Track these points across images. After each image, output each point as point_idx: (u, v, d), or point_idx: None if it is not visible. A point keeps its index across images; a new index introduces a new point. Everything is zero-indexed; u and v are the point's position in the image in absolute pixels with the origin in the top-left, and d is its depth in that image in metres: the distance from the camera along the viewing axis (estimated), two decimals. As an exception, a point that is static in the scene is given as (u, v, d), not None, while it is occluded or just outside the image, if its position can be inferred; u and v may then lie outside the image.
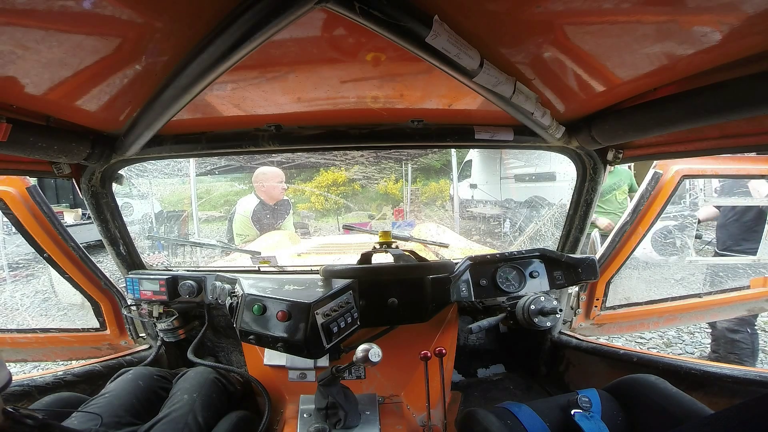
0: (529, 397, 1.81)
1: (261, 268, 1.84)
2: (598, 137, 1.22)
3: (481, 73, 0.81)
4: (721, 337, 2.82)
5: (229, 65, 0.73)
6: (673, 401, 1.09)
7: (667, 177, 1.85)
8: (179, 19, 0.66)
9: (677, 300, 2.17)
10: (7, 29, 0.61)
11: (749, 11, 0.62)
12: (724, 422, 0.74)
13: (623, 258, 1.91)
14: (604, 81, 0.95)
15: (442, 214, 7.10)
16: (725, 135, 1.10)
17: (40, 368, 3.26)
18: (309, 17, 0.63)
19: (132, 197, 6.59)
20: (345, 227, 3.81)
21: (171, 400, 1.27)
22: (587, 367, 1.77)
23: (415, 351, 1.36)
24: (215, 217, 6.00)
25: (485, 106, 1.15)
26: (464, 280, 1.43)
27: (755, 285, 2.32)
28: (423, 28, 0.67)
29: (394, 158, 5.14)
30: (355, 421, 1.21)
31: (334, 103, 1.16)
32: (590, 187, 1.56)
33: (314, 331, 1.10)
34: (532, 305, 1.48)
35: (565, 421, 1.12)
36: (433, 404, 1.33)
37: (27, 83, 0.80)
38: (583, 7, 0.65)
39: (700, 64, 0.81)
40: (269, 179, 2.91)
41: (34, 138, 0.95)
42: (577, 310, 1.92)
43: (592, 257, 1.57)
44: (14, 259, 3.36)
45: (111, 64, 0.78)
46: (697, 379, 1.39)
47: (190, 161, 3.92)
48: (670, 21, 0.68)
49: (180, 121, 1.18)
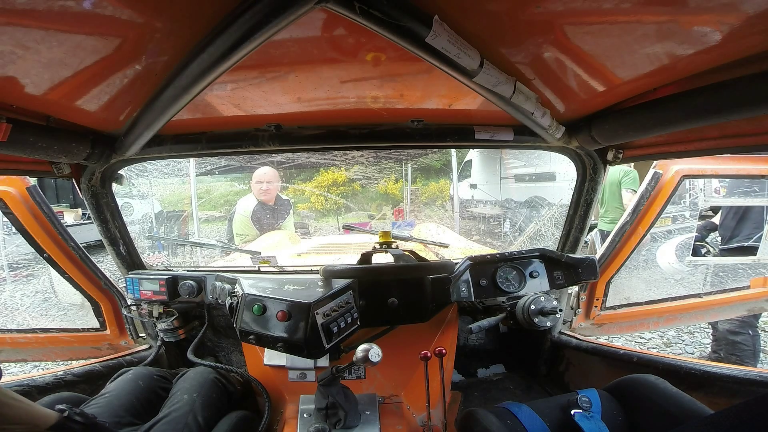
0: (529, 397, 1.81)
1: (261, 268, 1.84)
2: (598, 137, 1.22)
3: (481, 73, 0.81)
4: (723, 339, 2.82)
5: (229, 65, 0.73)
6: (673, 401, 1.09)
7: (667, 177, 1.86)
8: (179, 19, 0.66)
9: (677, 300, 2.17)
10: (7, 29, 0.61)
11: (749, 11, 0.62)
12: (724, 422, 0.74)
13: (623, 258, 1.91)
14: (604, 81, 0.95)
15: (442, 214, 7.09)
16: (725, 135, 1.10)
17: (40, 368, 3.26)
18: (309, 17, 0.63)
19: (132, 197, 6.59)
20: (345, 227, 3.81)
21: (171, 400, 1.27)
22: (587, 367, 1.77)
23: (415, 351, 1.36)
24: (215, 217, 6.00)
25: (485, 106, 1.15)
26: (464, 280, 1.43)
27: (755, 285, 2.32)
28: (423, 28, 0.67)
29: (394, 158, 5.13)
30: (355, 421, 1.21)
31: (334, 103, 1.16)
32: (590, 187, 1.56)
33: (314, 331, 1.10)
34: (532, 305, 1.48)
35: (565, 421, 1.12)
36: (433, 404, 1.33)
37: (27, 83, 0.80)
38: (583, 7, 0.65)
39: (700, 64, 0.81)
40: (262, 180, 2.92)
41: (34, 138, 0.95)
42: (577, 310, 1.92)
43: (592, 257, 1.57)
44: (14, 259, 3.36)
45: (111, 64, 0.78)
46: (697, 379, 1.39)
47: (190, 161, 3.92)
48: (670, 21, 0.68)
49: (180, 121, 1.18)
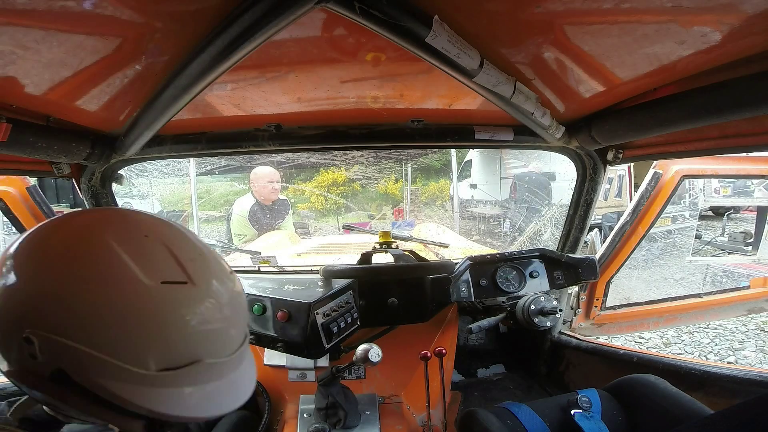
0: (529, 397, 1.81)
1: (261, 268, 1.84)
2: (598, 137, 1.22)
3: (481, 73, 0.81)
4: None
5: (229, 65, 0.73)
6: (673, 401, 1.09)
7: (667, 177, 1.85)
8: (179, 19, 0.66)
9: (677, 300, 2.17)
10: (7, 29, 0.61)
11: (749, 11, 0.62)
12: (724, 422, 0.74)
13: (623, 258, 1.91)
14: (604, 81, 0.95)
15: (442, 214, 7.10)
16: (725, 135, 1.09)
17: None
18: (309, 17, 0.63)
19: (132, 197, 6.59)
20: (345, 227, 3.82)
21: (171, 399, 1.27)
22: (587, 367, 1.76)
23: (415, 351, 1.36)
24: (215, 217, 6.00)
25: (485, 106, 1.15)
26: (464, 280, 1.43)
27: (755, 285, 2.32)
28: (423, 28, 0.67)
29: (394, 158, 5.14)
30: (355, 421, 1.21)
31: (334, 103, 1.16)
32: (590, 187, 1.56)
33: (314, 331, 1.10)
34: (532, 305, 1.48)
35: (565, 421, 1.12)
36: (433, 404, 1.33)
37: (27, 83, 0.80)
38: (583, 7, 0.65)
39: (700, 64, 0.81)
40: (260, 179, 2.91)
41: (34, 138, 0.95)
42: (577, 310, 1.92)
43: (592, 257, 1.57)
44: (14, 259, 3.35)
45: (111, 64, 0.78)
46: (697, 379, 1.39)
47: (190, 161, 3.92)
48: (670, 21, 0.68)
49: (180, 121, 1.18)
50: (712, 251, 5.38)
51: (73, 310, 0.50)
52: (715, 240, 5.73)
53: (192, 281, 0.56)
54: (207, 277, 0.60)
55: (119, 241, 0.55)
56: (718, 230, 6.48)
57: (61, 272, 0.52)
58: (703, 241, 5.51)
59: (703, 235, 5.76)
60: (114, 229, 0.58)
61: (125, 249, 0.54)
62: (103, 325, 0.50)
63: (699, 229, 3.68)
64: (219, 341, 0.60)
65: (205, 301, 0.58)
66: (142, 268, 0.53)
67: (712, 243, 5.58)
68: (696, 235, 3.18)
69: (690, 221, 3.51)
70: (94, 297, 0.51)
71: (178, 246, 0.59)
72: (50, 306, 0.50)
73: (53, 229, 0.60)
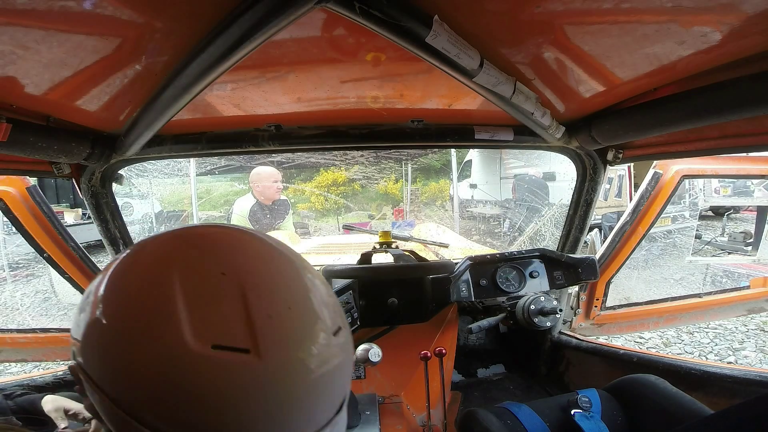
0: (529, 397, 1.81)
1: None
2: (598, 137, 1.22)
3: (481, 73, 0.81)
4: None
5: (229, 65, 0.73)
6: (673, 401, 1.09)
7: (667, 177, 1.85)
8: (179, 19, 0.66)
9: (677, 300, 2.17)
10: (7, 29, 0.61)
11: (749, 11, 0.62)
12: (724, 422, 0.74)
13: (623, 258, 1.91)
14: (604, 81, 0.95)
15: (442, 214, 7.11)
16: (725, 135, 1.09)
17: (40, 368, 3.26)
18: (309, 17, 0.63)
19: (132, 197, 6.59)
20: (345, 227, 3.82)
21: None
22: (587, 367, 1.76)
23: (415, 351, 1.36)
24: (215, 217, 6.00)
25: (485, 106, 1.15)
26: (464, 280, 1.43)
27: (755, 285, 2.32)
28: (423, 28, 0.67)
29: (394, 158, 5.15)
30: (355, 421, 1.21)
31: (334, 103, 1.16)
32: (590, 187, 1.56)
33: None
34: (532, 305, 1.48)
35: (565, 421, 1.12)
36: (433, 404, 1.33)
37: (27, 83, 0.80)
38: (583, 7, 0.65)
39: (700, 64, 0.81)
40: (263, 179, 2.91)
41: (34, 138, 0.95)
42: (577, 310, 1.92)
43: (592, 257, 1.57)
44: (14, 259, 3.37)
45: (111, 64, 0.78)
46: (697, 379, 1.39)
47: (190, 161, 3.92)
48: (670, 21, 0.68)
49: (180, 121, 1.18)
50: (712, 251, 5.39)
51: (109, 358, 0.44)
52: (715, 240, 5.74)
53: (257, 351, 0.41)
54: (282, 345, 0.44)
55: (185, 278, 0.44)
56: (718, 230, 6.49)
57: (113, 314, 0.45)
58: (703, 241, 5.51)
59: (703, 235, 5.77)
60: (187, 261, 0.47)
61: (186, 291, 0.43)
62: (131, 385, 0.43)
63: (699, 229, 3.68)
64: (280, 426, 0.45)
65: (268, 380, 0.42)
66: (193, 323, 0.41)
67: (712, 243, 5.59)
68: (696, 235, 3.18)
69: (690, 221, 3.52)
70: (132, 350, 0.42)
71: (260, 293, 0.45)
72: (91, 347, 0.46)
73: (129, 259, 0.51)
